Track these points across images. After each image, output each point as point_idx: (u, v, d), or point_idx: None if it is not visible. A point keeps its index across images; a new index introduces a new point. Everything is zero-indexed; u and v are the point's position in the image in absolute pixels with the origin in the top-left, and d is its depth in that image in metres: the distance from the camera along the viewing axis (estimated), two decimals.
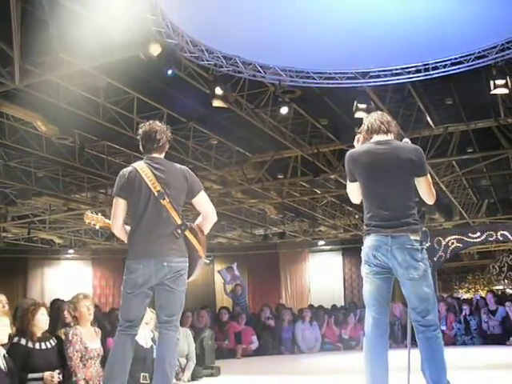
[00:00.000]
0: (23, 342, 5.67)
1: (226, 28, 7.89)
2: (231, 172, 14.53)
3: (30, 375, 5.47)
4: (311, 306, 16.09)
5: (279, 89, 9.69)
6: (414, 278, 4.17)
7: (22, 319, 5.92)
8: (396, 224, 4.22)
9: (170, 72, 8.58)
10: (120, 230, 4.64)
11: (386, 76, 8.70)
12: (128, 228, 4.63)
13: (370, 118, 4.56)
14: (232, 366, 10.18)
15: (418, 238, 4.21)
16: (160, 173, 4.56)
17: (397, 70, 8.61)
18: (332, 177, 14.44)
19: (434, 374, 4.11)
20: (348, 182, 4.54)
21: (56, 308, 8.31)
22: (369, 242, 4.30)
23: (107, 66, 8.56)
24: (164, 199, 4.48)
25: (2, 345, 5.41)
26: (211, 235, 20.65)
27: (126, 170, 4.67)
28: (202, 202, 4.69)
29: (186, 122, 11.51)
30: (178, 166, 4.73)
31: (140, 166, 4.62)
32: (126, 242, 4.63)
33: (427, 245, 4.31)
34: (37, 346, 5.72)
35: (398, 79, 8.73)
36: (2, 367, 5.14)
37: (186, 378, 7.65)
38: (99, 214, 5.07)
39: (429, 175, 4.43)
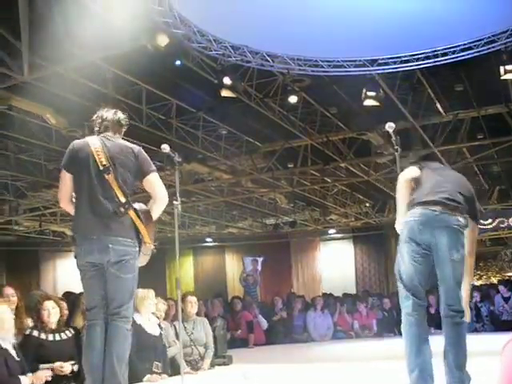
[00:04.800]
0: (35, 333, 5.72)
1: (233, 17, 7.86)
2: (241, 162, 14.50)
3: (42, 366, 5.51)
4: (323, 295, 16.12)
5: (288, 78, 9.67)
6: (454, 259, 4.07)
7: (31, 312, 6.00)
8: (446, 203, 4.14)
9: (178, 62, 8.58)
10: (67, 205, 4.44)
11: (394, 63, 8.65)
12: None
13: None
14: (244, 354, 10.21)
15: (463, 222, 4.15)
16: (110, 148, 4.34)
17: (406, 56, 8.55)
18: (342, 165, 14.38)
19: (458, 360, 4.04)
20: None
21: (71, 300, 8.33)
22: (413, 215, 4.18)
23: (115, 57, 8.54)
24: (109, 174, 4.23)
25: (15, 335, 5.46)
26: (222, 225, 20.68)
27: (75, 142, 4.50)
28: (153, 183, 4.39)
29: (195, 112, 11.49)
30: (130, 144, 4.48)
31: (92, 139, 4.44)
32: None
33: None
34: (50, 337, 5.76)
35: (406, 66, 8.67)
36: (14, 356, 5.19)
37: (205, 366, 7.68)
38: None
39: None
